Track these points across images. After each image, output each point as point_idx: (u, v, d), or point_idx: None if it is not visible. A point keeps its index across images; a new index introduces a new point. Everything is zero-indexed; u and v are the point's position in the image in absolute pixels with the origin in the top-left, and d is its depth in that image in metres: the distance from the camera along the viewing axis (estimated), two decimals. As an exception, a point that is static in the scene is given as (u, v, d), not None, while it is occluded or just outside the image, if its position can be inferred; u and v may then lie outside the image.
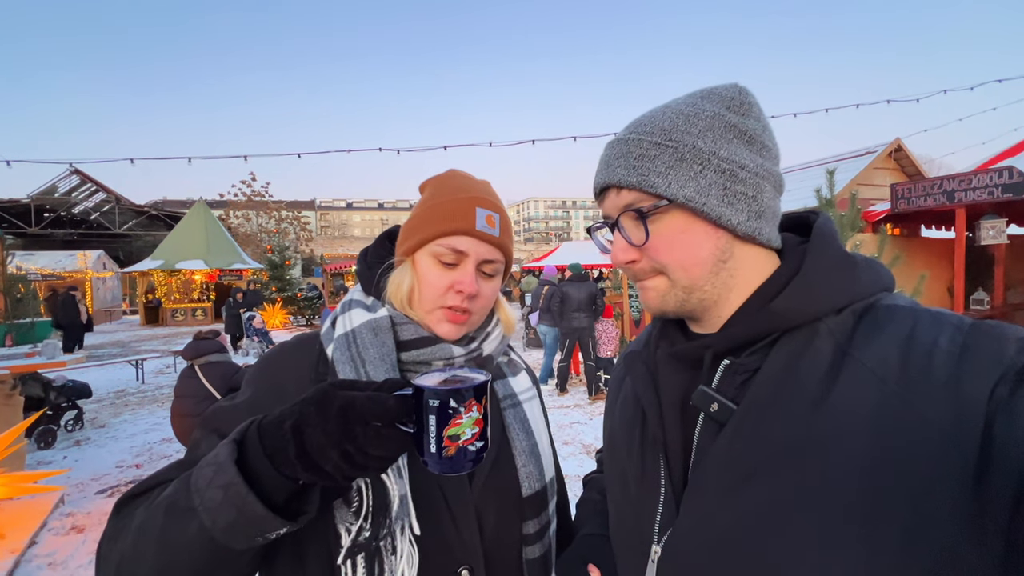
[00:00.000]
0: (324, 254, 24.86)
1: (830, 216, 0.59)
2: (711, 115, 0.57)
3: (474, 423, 0.52)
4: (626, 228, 0.58)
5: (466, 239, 0.74)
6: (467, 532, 0.70)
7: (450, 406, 0.51)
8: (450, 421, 0.51)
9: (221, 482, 0.51)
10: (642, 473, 0.62)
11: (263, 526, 0.51)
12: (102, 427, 6.02)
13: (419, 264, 0.75)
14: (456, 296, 0.74)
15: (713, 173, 0.55)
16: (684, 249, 0.56)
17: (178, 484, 0.56)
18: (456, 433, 0.51)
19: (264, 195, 32.34)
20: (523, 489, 0.76)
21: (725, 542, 0.51)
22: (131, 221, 27.17)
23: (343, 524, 0.64)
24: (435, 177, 0.82)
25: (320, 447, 0.50)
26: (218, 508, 0.51)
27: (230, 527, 0.51)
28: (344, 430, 0.49)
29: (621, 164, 0.58)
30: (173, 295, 19.29)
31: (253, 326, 10.53)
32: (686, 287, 0.57)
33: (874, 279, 0.55)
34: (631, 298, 9.69)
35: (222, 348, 3.99)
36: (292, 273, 18.01)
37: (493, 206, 0.77)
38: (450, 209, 0.75)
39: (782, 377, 0.51)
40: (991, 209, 4.76)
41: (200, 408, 3.77)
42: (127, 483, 4.33)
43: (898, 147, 7.82)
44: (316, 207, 75.42)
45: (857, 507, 0.44)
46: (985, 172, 4.47)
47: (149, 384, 8.43)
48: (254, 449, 0.52)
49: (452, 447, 0.51)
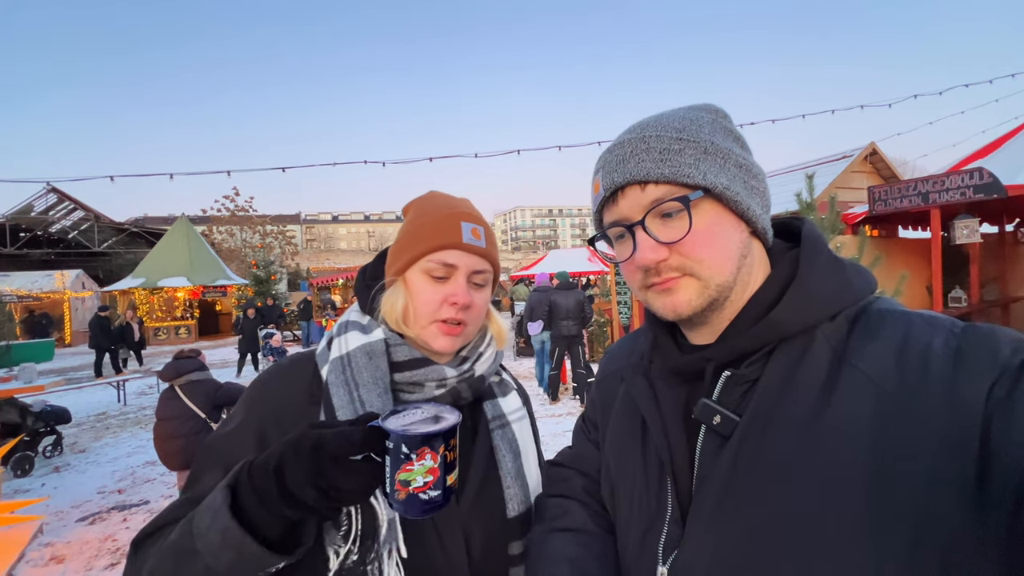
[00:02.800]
0: (310, 268, 24.62)
1: (813, 221, 0.59)
2: (711, 120, 0.58)
3: (427, 471, 0.51)
4: (653, 226, 0.55)
5: (455, 252, 0.75)
6: (455, 554, 0.70)
7: (401, 451, 0.51)
8: (401, 466, 0.51)
9: (219, 527, 0.54)
10: (646, 490, 0.60)
11: (261, 562, 0.54)
12: (82, 452, 5.84)
13: (411, 282, 0.77)
14: (450, 308, 0.75)
15: (734, 167, 0.56)
16: (718, 242, 0.54)
17: (183, 527, 0.59)
18: (407, 479, 0.51)
19: (248, 210, 31.94)
20: (508, 510, 0.76)
21: (733, 561, 0.50)
22: (111, 239, 26.64)
23: (332, 547, 0.65)
24: (417, 199, 0.85)
25: (298, 485, 0.52)
26: (219, 551, 0.54)
27: (232, 567, 0.54)
28: (316, 468, 0.52)
29: (644, 159, 0.55)
30: (155, 313, 18.89)
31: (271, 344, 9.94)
32: (720, 285, 0.54)
33: (863, 283, 0.55)
34: (620, 304, 9.75)
35: (202, 366, 3.90)
36: (278, 288, 17.77)
37: (477, 219, 0.80)
38: (436, 226, 0.77)
39: (782, 387, 0.51)
40: (964, 209, 4.90)
41: (184, 429, 3.68)
42: (108, 509, 4.19)
43: (873, 151, 8.05)
44: (301, 221, 74.75)
45: (863, 517, 0.44)
46: (957, 174, 4.61)
47: (131, 405, 8.22)
48: (246, 492, 0.56)
49: (403, 492, 0.51)
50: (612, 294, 10.05)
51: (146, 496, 4.46)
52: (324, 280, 18.83)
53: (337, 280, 19.24)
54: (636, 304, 9.36)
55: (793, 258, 0.56)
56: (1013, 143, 5.69)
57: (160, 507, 4.12)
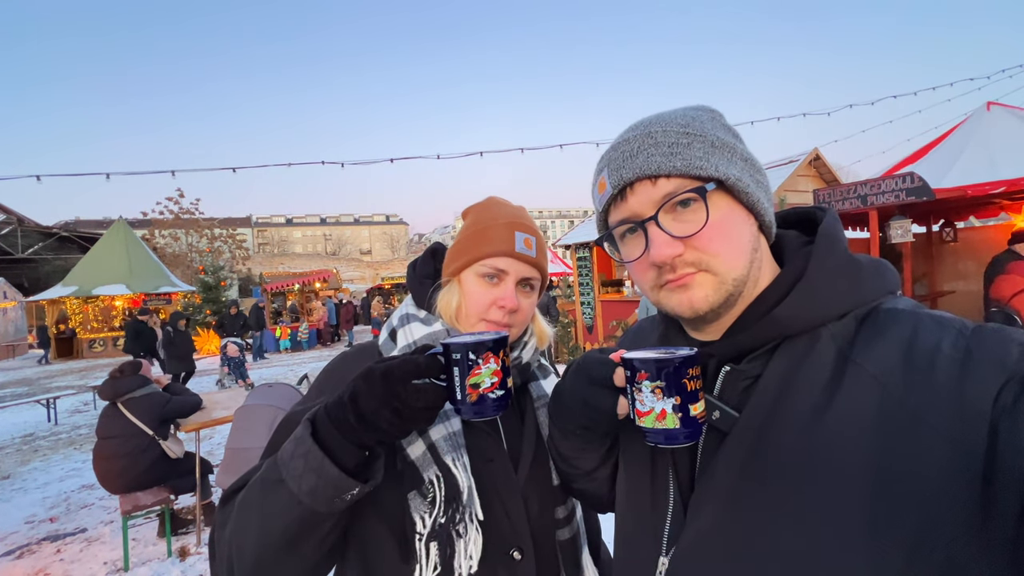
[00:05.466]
0: (263, 273, 23.55)
1: (836, 214, 0.58)
2: (710, 118, 0.58)
3: (492, 373, 0.61)
4: (666, 221, 0.54)
5: (507, 260, 0.83)
6: (517, 518, 0.78)
7: (469, 358, 0.60)
8: (471, 371, 0.60)
9: (301, 452, 0.61)
10: (652, 483, 0.61)
11: (339, 486, 0.60)
12: (6, 479, 5.31)
13: (465, 283, 0.85)
14: (498, 311, 0.83)
15: (741, 160, 0.55)
16: (733, 234, 0.54)
17: (268, 463, 0.66)
18: (476, 382, 0.60)
19: (194, 212, 30.20)
20: (553, 479, 0.85)
21: (729, 554, 0.50)
22: (37, 244, 24.47)
23: (418, 513, 0.73)
24: (477, 204, 0.92)
25: (373, 410, 0.59)
26: (302, 475, 0.60)
27: (313, 491, 0.60)
28: (388, 391, 0.59)
29: (654, 153, 0.54)
30: (90, 324, 17.52)
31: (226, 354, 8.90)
32: (736, 280, 0.54)
33: (878, 284, 0.54)
34: (583, 305, 9.90)
35: (145, 381, 3.62)
36: (228, 294, 16.89)
37: (531, 230, 0.87)
38: (492, 234, 0.84)
39: (784, 384, 0.51)
40: (898, 211, 5.28)
41: (128, 447, 3.41)
42: (39, 541, 3.81)
43: (816, 156, 8.54)
44: (253, 224, 71.57)
45: (863, 516, 0.44)
46: (892, 178, 4.96)
47: (63, 425, 7.57)
48: (323, 424, 0.62)
49: (474, 394, 0.60)
50: (576, 295, 10.19)
51: (83, 523, 4.08)
52: (278, 285, 18.07)
53: (293, 285, 18.49)
54: (599, 305, 9.53)
55: (806, 255, 0.56)
56: (938, 150, 6.20)
57: (100, 534, 3.81)
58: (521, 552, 0.77)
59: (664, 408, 0.52)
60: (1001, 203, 5.85)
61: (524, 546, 0.77)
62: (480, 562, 0.72)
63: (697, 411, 0.52)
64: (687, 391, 0.52)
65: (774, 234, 0.60)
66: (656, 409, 0.52)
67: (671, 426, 0.52)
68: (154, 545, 3.59)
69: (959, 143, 5.83)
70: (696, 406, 0.52)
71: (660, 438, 0.53)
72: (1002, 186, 4.52)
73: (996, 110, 5.90)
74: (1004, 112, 5.82)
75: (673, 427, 0.52)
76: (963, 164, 5.38)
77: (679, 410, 0.51)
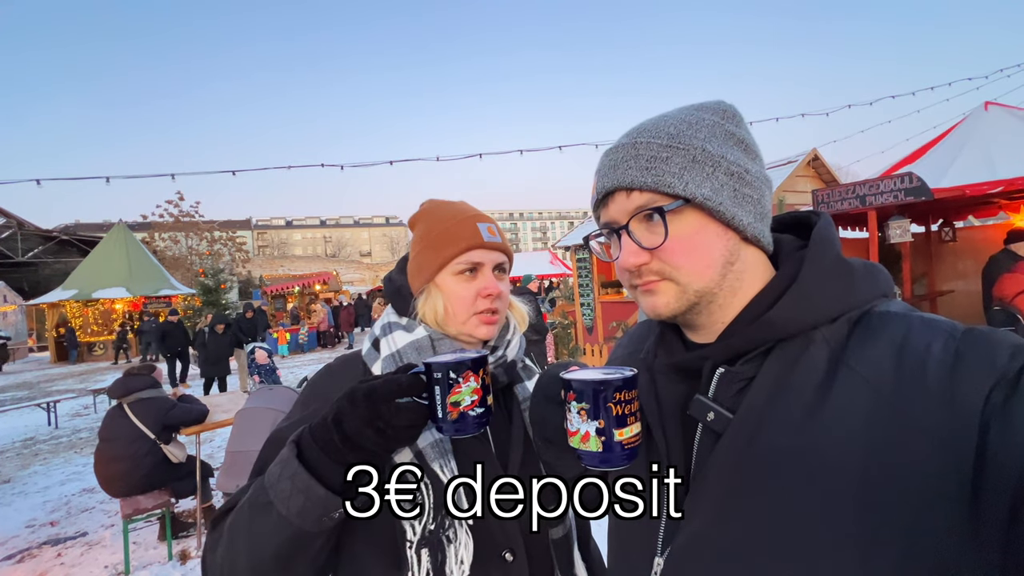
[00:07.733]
0: (264, 275, 23.56)
1: (830, 218, 0.59)
2: (712, 123, 0.58)
3: (472, 391, 0.61)
4: (637, 231, 0.57)
5: (479, 251, 0.85)
6: (507, 520, 0.77)
7: (450, 377, 0.60)
8: (451, 390, 0.60)
9: (288, 474, 0.62)
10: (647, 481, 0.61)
11: (327, 505, 0.61)
12: (7, 482, 5.32)
13: (444, 285, 0.85)
14: (485, 300, 0.84)
15: (723, 175, 0.56)
16: (698, 250, 0.55)
17: (255, 485, 0.67)
18: (457, 400, 0.60)
19: (194, 215, 30.21)
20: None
21: (723, 555, 0.51)
22: (37, 248, 24.47)
23: (407, 522, 0.73)
24: (423, 212, 0.93)
25: (357, 430, 0.60)
26: (289, 497, 0.62)
27: (301, 511, 0.61)
28: (372, 411, 0.60)
29: (631, 166, 0.56)
30: (91, 327, 17.52)
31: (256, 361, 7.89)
32: (698, 291, 0.56)
33: (871, 287, 0.55)
34: (583, 307, 9.90)
35: (155, 383, 3.64)
36: (228, 297, 16.87)
37: (487, 219, 0.89)
38: (456, 231, 0.86)
39: (777, 386, 0.51)
40: (896, 211, 5.29)
41: (130, 450, 3.41)
42: (39, 544, 3.82)
43: (815, 156, 8.55)
44: (253, 226, 71.65)
45: (853, 518, 0.44)
46: (890, 178, 4.97)
47: (64, 428, 7.57)
48: (308, 445, 0.64)
49: (455, 412, 0.60)
50: (576, 296, 10.20)
51: (83, 527, 4.09)
52: (279, 288, 18.09)
53: (293, 288, 18.50)
54: (598, 306, 9.54)
55: (799, 259, 0.57)
56: (936, 150, 6.20)
57: (101, 538, 3.81)
58: (513, 553, 0.77)
59: (588, 430, 0.52)
60: (999, 202, 5.87)
61: (516, 547, 0.78)
62: (472, 565, 0.73)
63: (623, 437, 0.52)
64: (612, 415, 0.52)
65: (770, 243, 0.60)
66: (581, 431, 0.53)
67: (593, 449, 0.52)
68: (155, 549, 3.59)
69: (957, 143, 5.84)
70: (623, 431, 0.52)
71: (586, 460, 0.54)
72: (1000, 185, 4.52)
73: (994, 110, 5.91)
74: (1002, 112, 5.83)
75: (595, 450, 0.52)
76: (961, 164, 5.38)
77: (602, 433, 0.52)
